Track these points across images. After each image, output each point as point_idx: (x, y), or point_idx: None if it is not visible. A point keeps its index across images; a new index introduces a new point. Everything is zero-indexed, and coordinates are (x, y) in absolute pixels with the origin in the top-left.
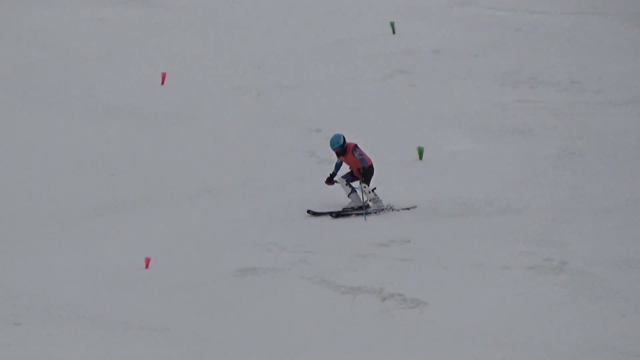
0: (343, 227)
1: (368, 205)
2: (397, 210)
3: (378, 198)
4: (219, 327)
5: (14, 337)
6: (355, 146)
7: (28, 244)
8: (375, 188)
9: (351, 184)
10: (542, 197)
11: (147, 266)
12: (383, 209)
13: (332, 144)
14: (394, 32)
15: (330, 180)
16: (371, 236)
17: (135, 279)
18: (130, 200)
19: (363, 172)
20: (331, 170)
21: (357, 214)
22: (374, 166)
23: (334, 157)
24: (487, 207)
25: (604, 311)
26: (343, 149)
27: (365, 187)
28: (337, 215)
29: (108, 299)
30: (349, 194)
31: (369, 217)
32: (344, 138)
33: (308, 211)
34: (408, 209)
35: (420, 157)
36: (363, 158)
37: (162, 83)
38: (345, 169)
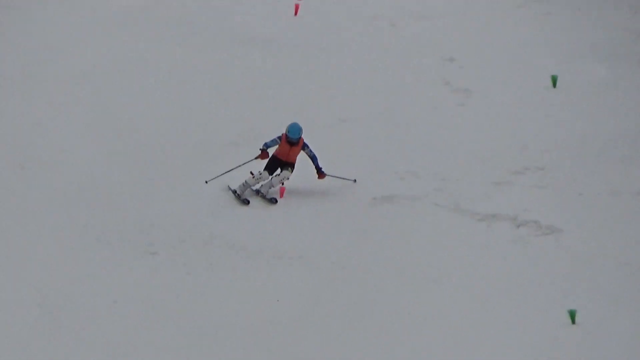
0: (477, 154)
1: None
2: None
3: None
4: (355, 254)
5: (150, 266)
6: (305, 143)
7: (163, 177)
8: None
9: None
10: None
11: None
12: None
13: (293, 132)
14: None
15: (265, 155)
16: (505, 164)
17: (271, 209)
18: (265, 132)
19: (317, 170)
20: (263, 145)
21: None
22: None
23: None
24: (621, 134)
25: None
26: (297, 140)
27: (286, 179)
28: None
29: (243, 229)
30: (264, 182)
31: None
32: (301, 130)
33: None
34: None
35: (554, 85)
36: (315, 155)
37: (295, 14)
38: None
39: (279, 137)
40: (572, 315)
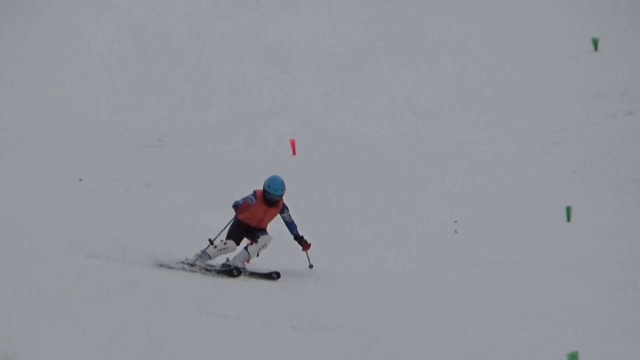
0: None
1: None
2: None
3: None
4: None
5: None
6: (284, 204)
7: None
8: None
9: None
10: None
11: None
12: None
13: (275, 188)
14: None
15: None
16: None
17: None
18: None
19: (298, 240)
20: (234, 204)
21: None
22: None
23: None
24: None
25: None
26: (279, 200)
27: (262, 248)
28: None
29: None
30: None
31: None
32: (285, 187)
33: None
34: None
35: None
36: (294, 222)
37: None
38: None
39: (254, 195)
40: None
